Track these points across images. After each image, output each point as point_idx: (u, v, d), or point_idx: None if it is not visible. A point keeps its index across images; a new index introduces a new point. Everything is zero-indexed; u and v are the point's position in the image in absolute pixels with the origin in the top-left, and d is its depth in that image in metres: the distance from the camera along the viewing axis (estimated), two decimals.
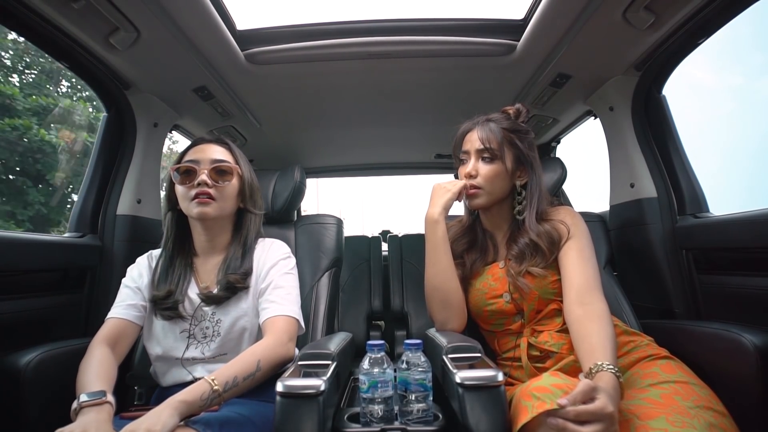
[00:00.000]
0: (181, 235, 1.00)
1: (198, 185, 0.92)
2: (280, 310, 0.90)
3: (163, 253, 0.99)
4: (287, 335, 0.87)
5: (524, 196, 1.02)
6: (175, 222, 1.00)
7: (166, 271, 0.96)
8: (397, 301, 1.74)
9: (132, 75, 1.22)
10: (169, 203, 0.99)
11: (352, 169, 2.33)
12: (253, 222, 1.02)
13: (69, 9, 0.93)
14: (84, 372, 0.79)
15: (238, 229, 1.01)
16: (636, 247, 1.30)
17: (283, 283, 0.95)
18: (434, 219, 0.97)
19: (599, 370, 0.70)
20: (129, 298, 0.94)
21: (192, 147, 0.99)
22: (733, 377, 0.85)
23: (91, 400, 0.70)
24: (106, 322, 0.91)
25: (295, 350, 0.88)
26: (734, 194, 12.00)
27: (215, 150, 0.98)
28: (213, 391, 0.72)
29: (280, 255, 1.00)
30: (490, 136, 0.97)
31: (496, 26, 1.22)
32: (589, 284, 0.89)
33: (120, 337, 0.90)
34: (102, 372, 0.79)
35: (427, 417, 0.75)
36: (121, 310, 0.92)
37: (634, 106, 1.31)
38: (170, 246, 0.98)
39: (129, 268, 1.00)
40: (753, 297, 0.98)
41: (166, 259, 0.97)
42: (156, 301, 0.92)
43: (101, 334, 0.88)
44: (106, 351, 0.85)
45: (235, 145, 1.04)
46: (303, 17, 1.24)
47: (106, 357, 0.84)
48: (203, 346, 0.91)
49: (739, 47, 21.36)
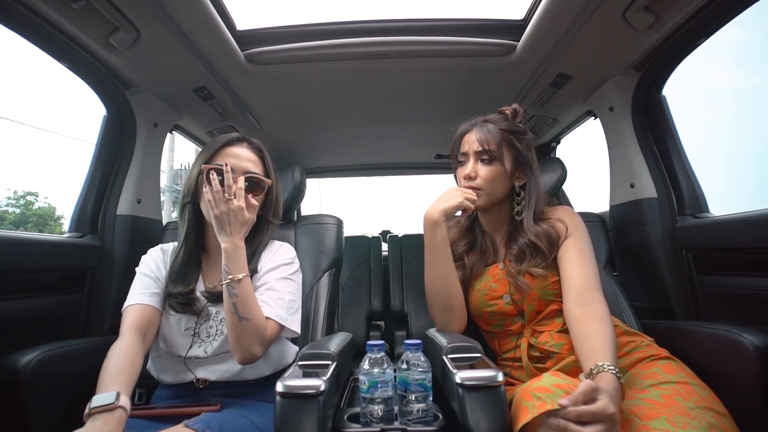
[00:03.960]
0: (199, 230, 0.98)
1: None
2: (265, 311, 0.88)
3: (183, 247, 0.95)
4: (264, 337, 0.85)
5: (523, 197, 1.01)
6: (195, 216, 0.96)
7: (185, 267, 0.94)
8: (397, 302, 1.74)
9: (132, 75, 1.22)
10: (191, 196, 0.95)
11: (352, 169, 2.33)
12: (269, 230, 1.01)
13: (69, 9, 0.92)
14: (106, 365, 0.76)
15: (253, 234, 0.98)
16: (636, 248, 1.30)
17: (277, 286, 0.93)
18: (434, 220, 0.96)
19: (600, 370, 0.70)
20: (151, 286, 0.91)
21: (226, 147, 0.96)
22: (734, 377, 0.85)
23: (101, 406, 0.66)
24: (128, 309, 0.88)
25: (262, 353, 0.86)
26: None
27: (250, 159, 0.96)
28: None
29: (284, 259, 0.99)
30: (489, 137, 0.97)
31: (496, 26, 1.22)
32: (588, 284, 0.89)
33: (150, 324, 0.87)
34: (126, 368, 0.76)
35: (427, 417, 0.75)
36: (146, 297, 0.89)
37: (634, 107, 1.31)
38: (192, 240, 0.96)
39: (143, 258, 0.98)
40: (753, 297, 0.98)
41: (185, 254, 0.95)
42: (174, 295, 0.90)
43: (130, 322, 0.85)
44: (136, 339, 0.82)
45: (267, 154, 1.02)
46: (303, 17, 1.25)
47: (134, 348, 0.81)
48: (206, 345, 0.91)
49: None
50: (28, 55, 44.39)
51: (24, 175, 20.26)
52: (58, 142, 38.47)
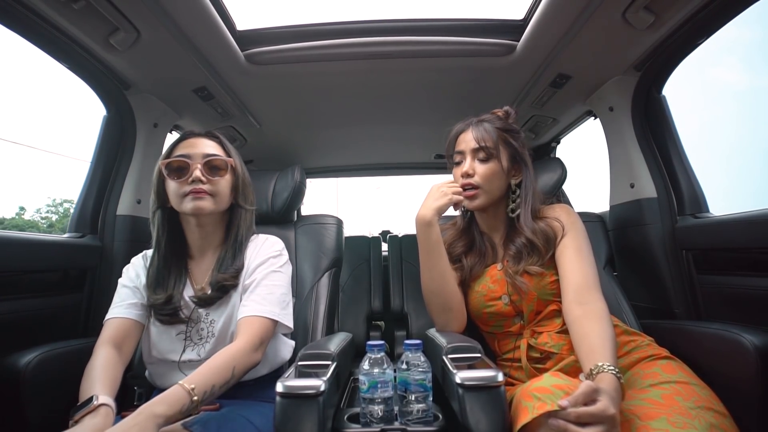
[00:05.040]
0: (172, 234, 0.96)
1: (192, 182, 0.89)
2: (258, 310, 0.87)
3: (155, 254, 0.95)
4: (259, 338, 0.84)
5: (518, 195, 1.02)
6: (166, 220, 0.95)
7: (161, 274, 0.93)
8: (397, 302, 1.73)
9: (132, 75, 1.22)
10: (158, 200, 0.94)
11: (352, 169, 2.33)
12: (244, 218, 0.99)
13: (69, 9, 0.92)
14: (86, 378, 0.78)
15: (231, 225, 0.98)
16: (636, 248, 1.30)
17: (266, 281, 0.91)
18: (426, 221, 0.95)
19: (600, 371, 0.70)
20: (129, 297, 0.92)
21: (181, 141, 0.95)
22: (734, 377, 0.85)
23: (82, 410, 0.69)
24: (107, 323, 0.89)
25: (262, 355, 0.86)
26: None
27: (207, 144, 0.95)
28: (192, 402, 0.70)
29: (271, 252, 0.97)
30: (485, 135, 0.98)
31: (496, 26, 1.22)
32: (587, 283, 0.89)
33: (125, 336, 0.88)
34: (104, 377, 0.78)
35: (427, 417, 0.75)
36: (122, 310, 0.90)
37: (634, 107, 1.31)
38: (163, 246, 0.94)
39: (125, 269, 0.98)
40: (753, 297, 0.98)
41: (159, 261, 0.93)
42: (155, 306, 0.90)
43: (105, 336, 0.86)
44: (112, 353, 0.84)
45: (225, 138, 1.00)
46: (303, 17, 1.24)
47: (110, 359, 0.82)
48: (199, 348, 0.91)
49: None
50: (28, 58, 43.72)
51: (59, 182, 20.42)
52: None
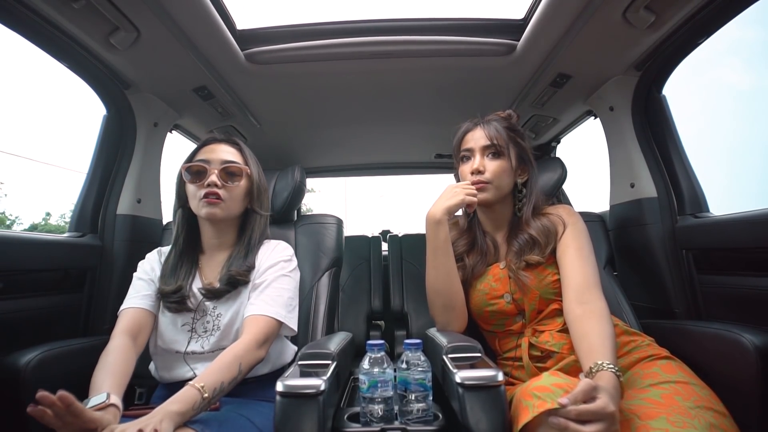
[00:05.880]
0: (190, 232, 1.02)
1: (208, 186, 0.94)
2: (265, 309, 0.90)
3: (173, 249, 1.00)
4: (264, 336, 0.87)
5: (524, 194, 1.04)
6: (186, 219, 1.01)
7: (175, 267, 0.97)
8: (397, 301, 1.73)
9: (132, 75, 1.22)
10: (179, 201, 1.01)
11: (352, 169, 2.33)
12: (258, 223, 1.04)
13: (69, 9, 0.92)
14: (99, 368, 0.79)
15: (244, 228, 1.03)
16: (636, 247, 1.30)
17: (276, 284, 0.95)
18: (436, 219, 0.96)
19: (599, 369, 0.70)
20: (144, 289, 0.96)
21: (203, 146, 1.01)
22: (733, 377, 0.85)
23: (93, 407, 0.69)
24: (122, 313, 0.92)
25: (266, 353, 0.88)
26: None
27: (226, 150, 1.00)
28: (203, 399, 0.72)
29: (282, 256, 1.01)
30: (496, 133, 1.00)
31: (496, 26, 1.22)
32: (588, 283, 0.89)
33: (141, 326, 0.91)
34: (117, 370, 0.79)
35: (427, 417, 0.75)
36: (138, 300, 0.93)
37: (634, 106, 1.31)
38: (181, 243, 1.00)
39: (140, 263, 1.02)
40: (753, 297, 0.98)
41: (175, 256, 0.99)
42: (165, 294, 0.93)
43: (122, 325, 0.89)
44: (127, 343, 0.86)
45: (245, 145, 1.06)
46: (303, 17, 1.24)
47: (125, 350, 0.84)
48: (203, 341, 0.92)
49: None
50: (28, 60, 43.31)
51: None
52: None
